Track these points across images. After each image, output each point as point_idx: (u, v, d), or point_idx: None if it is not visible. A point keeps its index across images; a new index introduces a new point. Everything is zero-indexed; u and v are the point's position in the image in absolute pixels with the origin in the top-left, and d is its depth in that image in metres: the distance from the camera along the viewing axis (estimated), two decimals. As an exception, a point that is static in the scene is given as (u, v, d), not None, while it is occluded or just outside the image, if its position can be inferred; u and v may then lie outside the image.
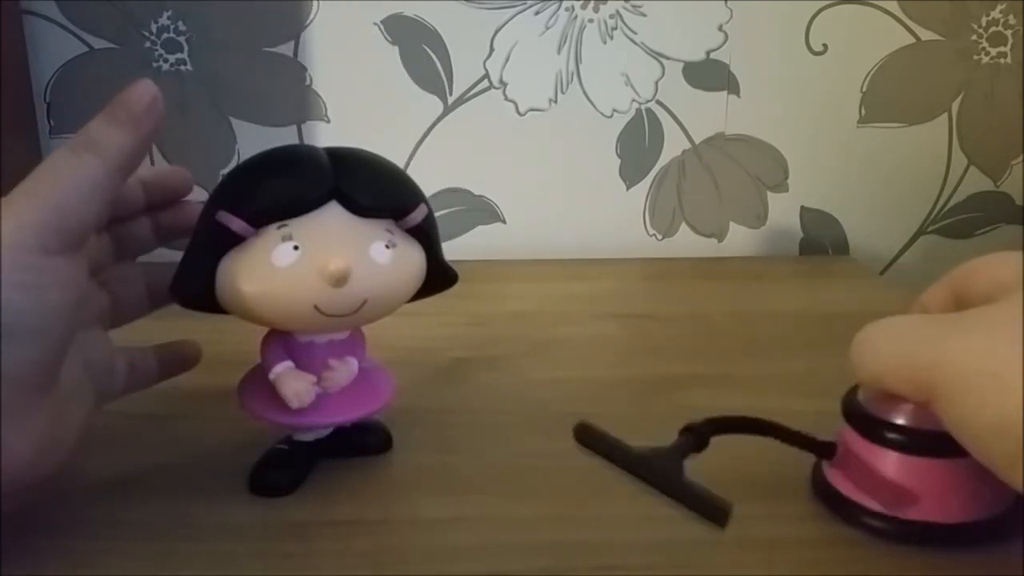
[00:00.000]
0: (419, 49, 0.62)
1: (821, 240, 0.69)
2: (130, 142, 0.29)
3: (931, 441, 0.30)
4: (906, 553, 0.30)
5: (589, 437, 0.32)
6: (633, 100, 0.65)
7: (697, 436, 0.32)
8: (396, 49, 0.62)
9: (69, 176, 0.28)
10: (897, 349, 0.28)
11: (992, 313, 0.26)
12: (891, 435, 0.31)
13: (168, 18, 0.60)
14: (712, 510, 0.29)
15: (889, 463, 0.31)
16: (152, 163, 0.61)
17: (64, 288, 0.27)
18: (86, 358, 0.31)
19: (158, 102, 0.29)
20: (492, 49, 0.63)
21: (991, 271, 0.29)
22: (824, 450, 0.34)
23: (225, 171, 0.51)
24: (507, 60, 0.63)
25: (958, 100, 0.66)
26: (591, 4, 0.62)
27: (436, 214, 0.35)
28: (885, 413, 0.31)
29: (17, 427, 0.26)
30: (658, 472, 0.30)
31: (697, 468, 0.31)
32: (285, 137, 0.64)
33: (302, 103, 0.63)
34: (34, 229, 0.26)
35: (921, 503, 0.30)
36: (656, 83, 0.64)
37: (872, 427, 0.31)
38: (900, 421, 0.31)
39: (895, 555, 0.30)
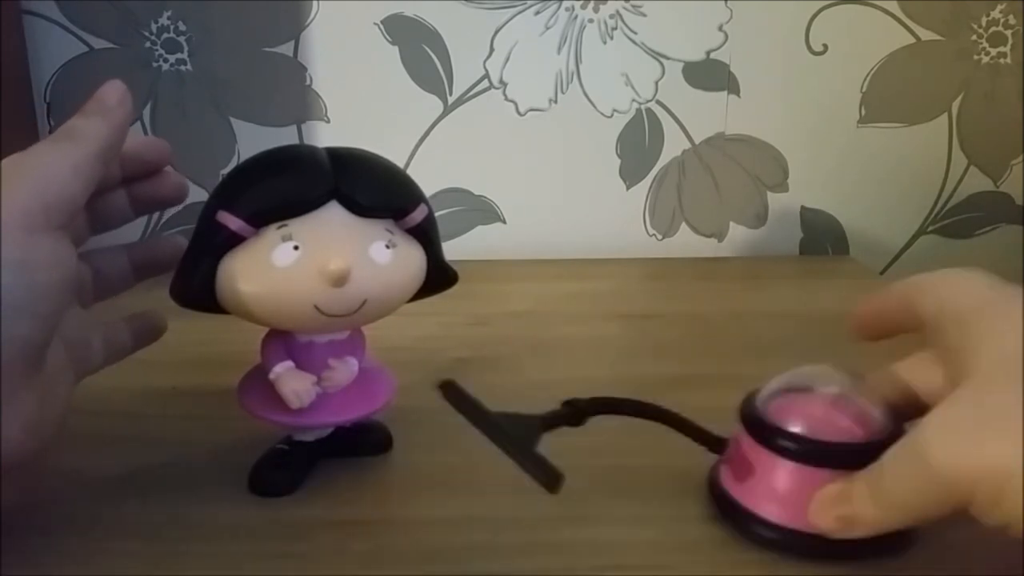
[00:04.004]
0: (419, 49, 0.62)
1: (821, 240, 0.69)
2: (105, 131, 0.30)
3: (826, 452, 0.29)
4: (798, 566, 0.30)
5: (454, 396, 0.32)
6: (633, 100, 0.65)
7: (575, 411, 0.33)
8: (396, 49, 0.62)
9: (50, 160, 0.28)
10: (914, 487, 0.26)
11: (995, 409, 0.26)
12: (786, 443, 0.30)
13: (168, 18, 0.60)
14: (546, 476, 0.28)
15: (783, 472, 0.30)
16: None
17: (53, 267, 0.27)
18: (65, 336, 0.31)
19: (127, 96, 0.31)
20: (492, 49, 0.63)
21: (936, 292, 0.30)
22: (715, 444, 0.34)
23: (225, 171, 0.51)
24: (507, 60, 0.63)
25: (958, 100, 0.66)
26: (591, 4, 0.62)
27: (436, 214, 0.35)
28: (782, 420, 0.30)
29: (7, 408, 0.27)
30: (507, 435, 0.30)
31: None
32: (285, 137, 0.64)
33: (302, 103, 0.63)
34: (19, 208, 0.27)
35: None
36: (656, 83, 0.64)
37: (768, 434, 0.31)
38: (796, 430, 0.30)
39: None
